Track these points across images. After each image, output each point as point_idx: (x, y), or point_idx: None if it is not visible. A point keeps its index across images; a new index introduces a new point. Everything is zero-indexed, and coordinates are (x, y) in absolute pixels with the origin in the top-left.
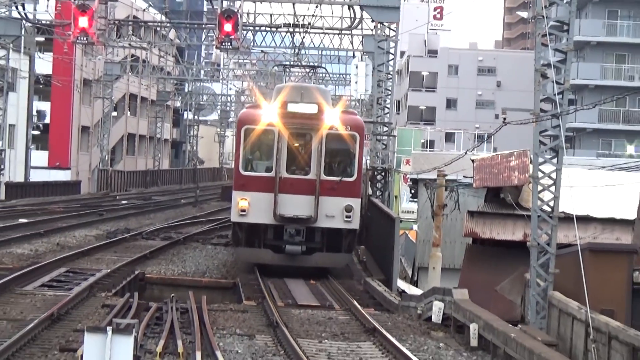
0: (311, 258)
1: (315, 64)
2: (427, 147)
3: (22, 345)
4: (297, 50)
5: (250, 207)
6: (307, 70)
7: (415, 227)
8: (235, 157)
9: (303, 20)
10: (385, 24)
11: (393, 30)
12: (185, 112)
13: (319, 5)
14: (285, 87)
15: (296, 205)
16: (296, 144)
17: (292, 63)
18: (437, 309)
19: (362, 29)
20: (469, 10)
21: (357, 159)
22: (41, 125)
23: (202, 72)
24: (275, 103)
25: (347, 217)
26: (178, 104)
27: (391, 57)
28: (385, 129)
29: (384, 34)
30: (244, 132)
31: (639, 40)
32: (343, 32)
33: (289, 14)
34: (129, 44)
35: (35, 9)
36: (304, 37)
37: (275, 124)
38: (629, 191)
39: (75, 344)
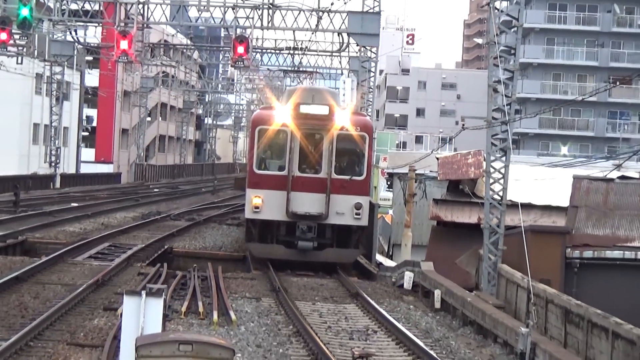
0: (322, 253)
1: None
2: (400, 148)
3: (73, 305)
4: (296, 68)
5: (263, 204)
6: (305, 74)
7: (390, 211)
8: (249, 156)
9: (301, 44)
10: (367, 47)
11: (373, 52)
12: (206, 118)
13: (314, 33)
14: (296, 89)
15: (308, 203)
16: (308, 144)
17: (292, 69)
18: (408, 278)
19: (348, 51)
20: (435, 37)
21: (367, 159)
22: (89, 128)
23: (220, 85)
24: (288, 104)
25: (356, 214)
26: (200, 111)
27: (372, 74)
28: None
29: (366, 55)
30: (258, 132)
31: (571, 63)
32: (333, 54)
33: (289, 39)
34: (161, 63)
35: (85, 34)
36: (302, 58)
37: (288, 125)
38: (563, 184)
39: (116, 305)
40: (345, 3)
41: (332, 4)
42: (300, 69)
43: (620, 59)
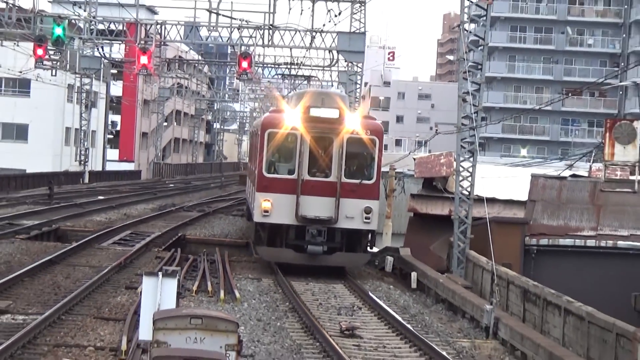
0: (331, 258)
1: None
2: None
3: (99, 284)
4: (293, 81)
5: (272, 208)
6: (303, 79)
7: None
8: (258, 159)
9: (297, 60)
10: (354, 63)
11: (359, 67)
12: (214, 123)
13: (308, 50)
14: (306, 92)
15: (317, 207)
16: (318, 148)
17: (291, 74)
18: (389, 262)
19: (338, 66)
20: (413, 54)
21: (377, 163)
22: (114, 131)
23: (226, 95)
24: (298, 108)
25: (366, 218)
26: (209, 117)
27: (358, 86)
28: None
29: (353, 70)
30: (268, 136)
31: (530, 77)
32: (325, 68)
33: (287, 56)
34: (176, 75)
35: (110, 50)
36: (297, 71)
37: (297, 128)
38: (522, 181)
39: (136, 284)
40: (335, 25)
41: (323, 25)
42: (298, 74)
43: (572, 74)
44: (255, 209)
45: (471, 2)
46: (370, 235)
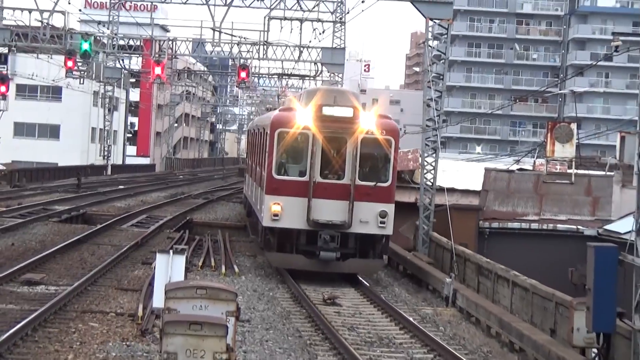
0: (345, 264)
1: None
2: None
3: (120, 260)
4: (284, 89)
5: (283, 211)
6: (298, 77)
7: None
8: (267, 160)
9: (287, 71)
10: (335, 73)
11: (340, 77)
12: (217, 124)
13: (297, 62)
14: (318, 90)
15: (330, 211)
16: (331, 148)
17: (288, 73)
18: None
19: (322, 76)
20: (385, 66)
21: (392, 164)
22: (132, 131)
23: (228, 100)
24: (309, 106)
25: (381, 222)
26: (213, 119)
27: None
28: None
29: (334, 79)
30: (278, 135)
31: (484, 86)
32: (311, 77)
33: (279, 67)
34: (185, 84)
35: (129, 62)
36: (288, 80)
37: (309, 127)
38: (477, 174)
39: (151, 260)
40: (319, 41)
41: (310, 41)
42: (295, 74)
43: (519, 83)
44: (264, 213)
45: (434, 22)
46: (385, 241)
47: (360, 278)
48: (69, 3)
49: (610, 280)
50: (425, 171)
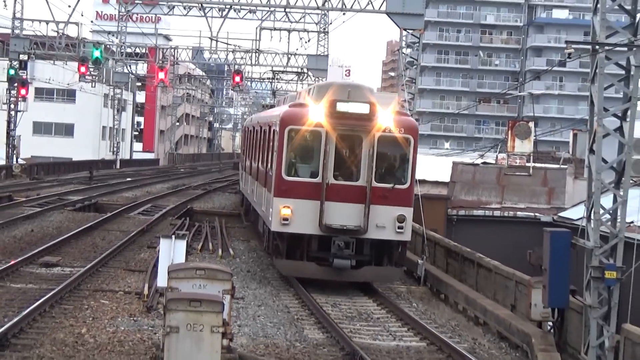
0: (360, 273)
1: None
2: None
3: (128, 244)
4: (274, 91)
5: (293, 215)
6: (294, 74)
7: None
8: (276, 160)
9: (277, 75)
10: (319, 78)
11: (324, 81)
12: (215, 123)
13: (285, 68)
14: (331, 84)
15: (344, 215)
16: (345, 147)
17: (281, 70)
18: None
19: (308, 81)
20: (364, 71)
21: (411, 165)
22: (139, 129)
23: (224, 102)
24: (322, 102)
25: (399, 227)
26: (211, 118)
27: None
28: None
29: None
30: (288, 133)
31: (452, 88)
32: (297, 81)
33: (269, 72)
34: (185, 87)
35: (136, 68)
36: (276, 84)
37: (322, 125)
38: (446, 167)
39: (155, 244)
40: (305, 49)
41: (297, 49)
42: (289, 70)
43: (483, 87)
44: (272, 217)
45: (408, 32)
46: (402, 248)
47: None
48: (82, 15)
49: (563, 261)
50: None
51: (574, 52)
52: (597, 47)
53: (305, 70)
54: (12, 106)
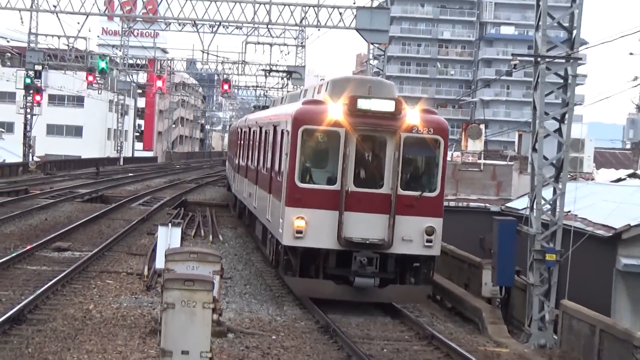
0: (384, 292)
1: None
2: None
3: (129, 231)
4: (258, 98)
5: (308, 227)
6: (284, 74)
7: None
8: (289, 164)
9: (262, 83)
10: (297, 86)
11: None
12: (206, 125)
13: (267, 77)
14: (348, 79)
15: (366, 227)
16: (367, 150)
17: (272, 69)
18: None
19: (287, 88)
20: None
21: (441, 170)
22: (139, 131)
23: (214, 107)
24: (340, 99)
25: (427, 241)
26: (203, 121)
27: None
28: None
29: (297, 91)
30: (302, 134)
31: (413, 95)
32: (279, 88)
33: (254, 81)
34: (180, 94)
35: (137, 77)
36: (260, 92)
37: (342, 124)
38: None
39: (154, 231)
40: (285, 60)
41: (277, 61)
42: (278, 69)
43: (441, 93)
44: (284, 229)
45: (374, 46)
46: (431, 263)
47: None
48: (90, 30)
49: (510, 245)
50: None
51: (519, 63)
52: (539, 59)
53: (294, 70)
54: (28, 110)
